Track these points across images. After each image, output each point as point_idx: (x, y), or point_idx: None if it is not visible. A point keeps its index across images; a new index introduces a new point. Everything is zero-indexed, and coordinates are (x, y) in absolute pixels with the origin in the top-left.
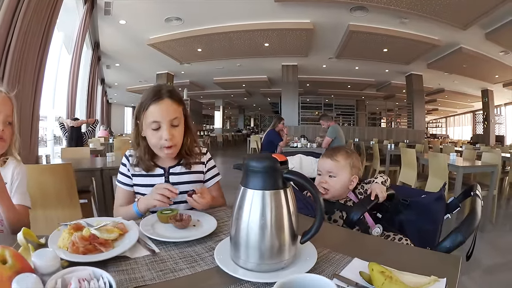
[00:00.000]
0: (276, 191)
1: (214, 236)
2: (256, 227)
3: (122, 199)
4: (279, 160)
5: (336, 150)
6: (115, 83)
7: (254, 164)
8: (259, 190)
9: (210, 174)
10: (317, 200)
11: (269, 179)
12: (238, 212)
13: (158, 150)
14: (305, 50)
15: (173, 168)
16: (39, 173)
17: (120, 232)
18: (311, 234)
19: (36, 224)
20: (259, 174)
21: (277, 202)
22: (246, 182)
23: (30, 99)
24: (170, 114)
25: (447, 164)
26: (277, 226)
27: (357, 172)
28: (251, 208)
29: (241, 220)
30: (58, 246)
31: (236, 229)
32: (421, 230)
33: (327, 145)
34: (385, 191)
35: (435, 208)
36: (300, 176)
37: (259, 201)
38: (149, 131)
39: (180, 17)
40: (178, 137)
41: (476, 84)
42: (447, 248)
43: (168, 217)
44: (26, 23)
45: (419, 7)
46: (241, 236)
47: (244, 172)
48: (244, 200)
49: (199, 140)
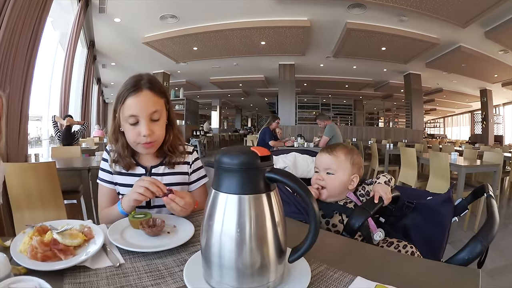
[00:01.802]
0: (256, 196)
1: (190, 245)
2: (231, 242)
3: (106, 199)
4: (259, 155)
5: (336, 145)
6: (111, 83)
7: (226, 160)
8: (233, 194)
9: (196, 176)
10: (310, 206)
11: (247, 180)
12: (208, 221)
13: (136, 146)
14: (302, 49)
15: (156, 168)
16: (22, 172)
17: (84, 237)
18: (302, 251)
19: (22, 225)
20: (234, 173)
21: (258, 210)
22: (217, 183)
23: (18, 98)
24: (149, 108)
25: (449, 163)
26: (259, 240)
27: (358, 171)
28: (224, 218)
29: (211, 232)
30: (19, 250)
31: (207, 243)
32: (428, 235)
33: (324, 144)
34: (390, 192)
35: (443, 211)
36: (287, 175)
37: (235, 209)
38: (126, 125)
39: (175, 14)
40: (159, 133)
41: (475, 84)
42: (465, 260)
43: (139, 222)
44: (13, 20)
45: (419, 4)
46: (213, 252)
47: (216, 170)
48: (215, 206)
49: (195, 139)
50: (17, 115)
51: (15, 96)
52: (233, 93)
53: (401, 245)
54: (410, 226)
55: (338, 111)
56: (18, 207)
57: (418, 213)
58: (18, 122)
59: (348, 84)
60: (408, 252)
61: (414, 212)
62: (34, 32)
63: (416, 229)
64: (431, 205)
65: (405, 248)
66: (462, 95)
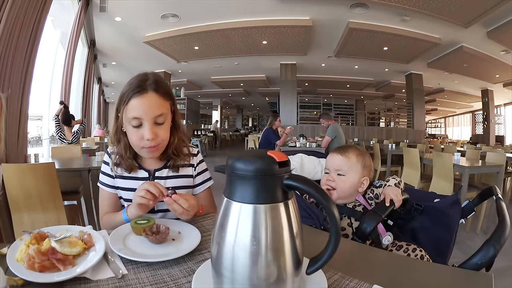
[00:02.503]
0: (273, 205)
1: (197, 253)
2: (245, 255)
3: (107, 204)
4: (277, 160)
5: (347, 147)
6: (112, 82)
7: (240, 166)
8: (248, 204)
9: (200, 178)
10: (332, 216)
11: (263, 188)
12: (220, 232)
13: (139, 150)
14: (304, 48)
15: (159, 171)
16: (21, 173)
17: (84, 245)
18: (322, 262)
19: (22, 228)
20: (249, 180)
21: (275, 221)
22: (230, 191)
23: (17, 98)
24: (154, 111)
25: (452, 164)
26: (275, 253)
27: (369, 174)
28: (238, 229)
29: (223, 244)
30: (16, 259)
31: (218, 254)
32: (436, 238)
33: (326, 144)
34: (401, 195)
35: (451, 213)
36: (308, 182)
37: (249, 220)
38: (129, 127)
39: (176, 13)
40: (163, 137)
41: (476, 84)
42: (478, 264)
43: (142, 229)
44: (12, 19)
45: (421, 4)
46: (224, 265)
47: (228, 177)
48: (227, 216)
49: (196, 139)
50: (17, 115)
51: (15, 96)
52: (234, 92)
53: (410, 248)
54: (418, 228)
55: (340, 111)
56: (16, 209)
57: (426, 216)
58: (18, 121)
59: (350, 84)
60: (417, 256)
61: (422, 214)
62: (33, 31)
63: (424, 232)
64: (439, 207)
65: (414, 252)
66: (463, 95)
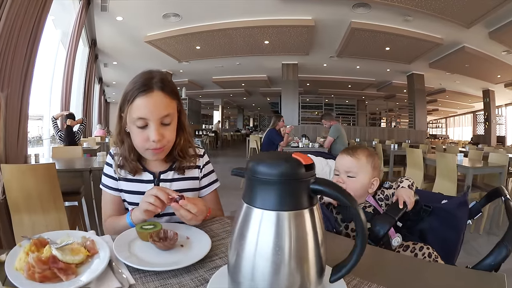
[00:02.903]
0: (297, 212)
1: (208, 260)
2: (266, 263)
3: (110, 208)
4: (303, 164)
5: (356, 148)
6: (113, 82)
7: (263, 169)
8: (271, 210)
9: (207, 180)
10: (360, 222)
11: (288, 194)
12: (239, 239)
13: (143, 151)
14: (306, 48)
15: (165, 173)
16: (20, 173)
17: (87, 253)
18: (347, 270)
19: (22, 230)
20: (272, 185)
21: (300, 229)
22: (250, 196)
23: (17, 97)
24: (161, 111)
25: (456, 165)
26: (299, 263)
27: (378, 175)
28: (259, 237)
29: (243, 252)
30: (15, 268)
31: (237, 263)
32: (444, 239)
33: (329, 145)
34: (413, 197)
35: (459, 214)
36: (335, 187)
37: (272, 228)
38: (134, 128)
39: (178, 13)
40: (169, 138)
41: (478, 84)
42: (491, 265)
43: (149, 234)
44: (11, 18)
45: (424, 4)
46: (244, 274)
47: (248, 181)
48: (248, 224)
49: (198, 139)
50: (17, 115)
51: (15, 95)
52: (235, 92)
53: (417, 247)
54: (427, 230)
55: (341, 111)
56: (16, 210)
57: (434, 217)
58: (18, 121)
59: (351, 84)
60: (425, 254)
61: (431, 215)
62: (34, 30)
63: (432, 233)
64: (447, 208)
65: (421, 250)
66: (464, 96)
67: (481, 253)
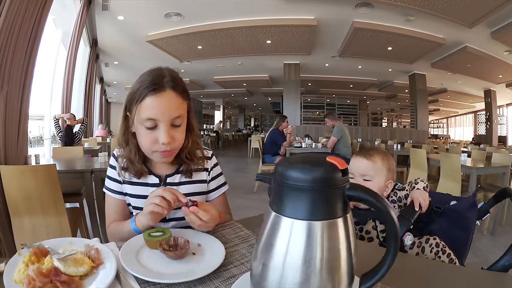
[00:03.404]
0: (331, 222)
1: (222, 269)
2: (295, 274)
3: (114, 212)
4: (340, 168)
5: (372, 150)
6: (114, 82)
7: (295, 175)
8: (303, 220)
9: (215, 183)
10: (394, 229)
11: (322, 201)
12: (266, 249)
13: (150, 153)
14: (308, 48)
15: (171, 176)
16: (20, 175)
17: (91, 264)
18: (377, 278)
19: (22, 233)
20: (305, 192)
21: (333, 240)
22: (279, 204)
23: (17, 97)
24: (172, 112)
25: (460, 165)
26: (330, 274)
27: (392, 177)
28: (289, 248)
29: (270, 264)
30: (14, 280)
31: (263, 273)
32: (454, 240)
33: (332, 145)
34: (428, 199)
35: (469, 215)
36: (371, 192)
37: (302, 239)
38: (141, 129)
39: (180, 12)
40: (179, 140)
41: (479, 84)
42: (505, 266)
43: (158, 242)
44: (11, 17)
45: (426, 4)
46: (271, 286)
47: (277, 188)
48: (276, 234)
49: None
50: (17, 115)
51: (14, 95)
52: (237, 92)
53: (423, 240)
54: (437, 231)
55: (342, 111)
56: (16, 213)
57: (445, 218)
58: (18, 121)
59: (353, 84)
60: (432, 245)
61: (441, 217)
62: (34, 30)
63: (442, 234)
64: (458, 209)
65: (428, 242)
66: (466, 96)
67: (485, 253)
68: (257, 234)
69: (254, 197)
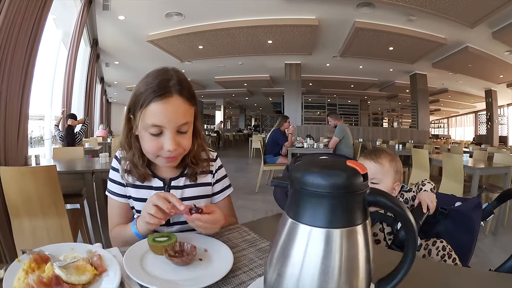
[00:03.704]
0: (351, 229)
1: (231, 275)
2: (311, 282)
3: (117, 216)
4: (361, 173)
5: (379, 152)
6: (114, 82)
7: (315, 180)
8: (321, 228)
9: (220, 186)
10: (412, 234)
11: (342, 208)
12: (282, 257)
13: (154, 158)
14: (310, 48)
15: (176, 180)
16: (20, 176)
17: (94, 271)
18: (395, 283)
19: (22, 235)
20: (324, 199)
21: (353, 248)
22: (296, 211)
23: (17, 97)
24: (179, 119)
25: (462, 165)
26: (348, 282)
27: (400, 178)
28: (306, 257)
29: (286, 272)
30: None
31: (277, 283)
32: (459, 241)
33: (334, 145)
34: (435, 201)
35: (474, 216)
36: (390, 196)
37: (320, 247)
38: (145, 134)
39: (181, 12)
40: (185, 146)
41: (480, 84)
42: None
43: (163, 248)
44: (10, 16)
45: (428, 4)
46: None
47: (294, 193)
48: (293, 242)
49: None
50: (16, 115)
51: (14, 95)
52: (238, 92)
53: (430, 243)
54: (443, 232)
55: (343, 111)
56: (16, 214)
57: (450, 220)
58: (17, 121)
59: (354, 84)
60: (439, 248)
61: (447, 218)
62: (34, 29)
63: (448, 235)
64: (463, 211)
65: (435, 245)
66: (467, 96)
67: (487, 253)
68: (264, 238)
69: (255, 197)
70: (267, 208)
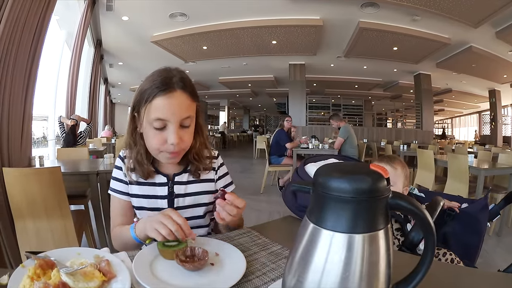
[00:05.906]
0: (372, 235)
1: (244, 280)
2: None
3: (120, 214)
4: (385, 177)
5: (392, 157)
6: (118, 83)
7: (338, 185)
8: (344, 233)
9: (222, 182)
10: (432, 237)
11: (364, 213)
12: (302, 263)
13: (157, 154)
14: (314, 48)
15: (179, 175)
16: (24, 177)
17: (103, 278)
18: (413, 286)
19: (26, 237)
20: (347, 204)
21: (374, 253)
22: (318, 216)
23: (21, 97)
24: (182, 112)
25: (468, 166)
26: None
27: (408, 184)
28: (327, 263)
29: (306, 278)
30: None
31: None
32: (466, 242)
33: (339, 145)
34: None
35: (481, 218)
36: (412, 201)
37: (342, 253)
38: (150, 129)
39: (185, 12)
40: (187, 141)
41: (484, 84)
42: None
43: (174, 253)
44: (13, 16)
45: (432, 4)
46: None
47: (317, 198)
48: (314, 247)
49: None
50: (20, 115)
51: (18, 96)
52: (242, 93)
53: (441, 253)
54: (450, 233)
55: (347, 112)
56: (20, 216)
57: (457, 221)
58: (21, 122)
59: (358, 84)
60: (448, 260)
61: (454, 219)
62: (37, 29)
63: (455, 236)
64: (470, 212)
65: (444, 256)
66: (470, 96)
67: (492, 254)
68: (275, 241)
69: (261, 198)
70: (272, 209)
